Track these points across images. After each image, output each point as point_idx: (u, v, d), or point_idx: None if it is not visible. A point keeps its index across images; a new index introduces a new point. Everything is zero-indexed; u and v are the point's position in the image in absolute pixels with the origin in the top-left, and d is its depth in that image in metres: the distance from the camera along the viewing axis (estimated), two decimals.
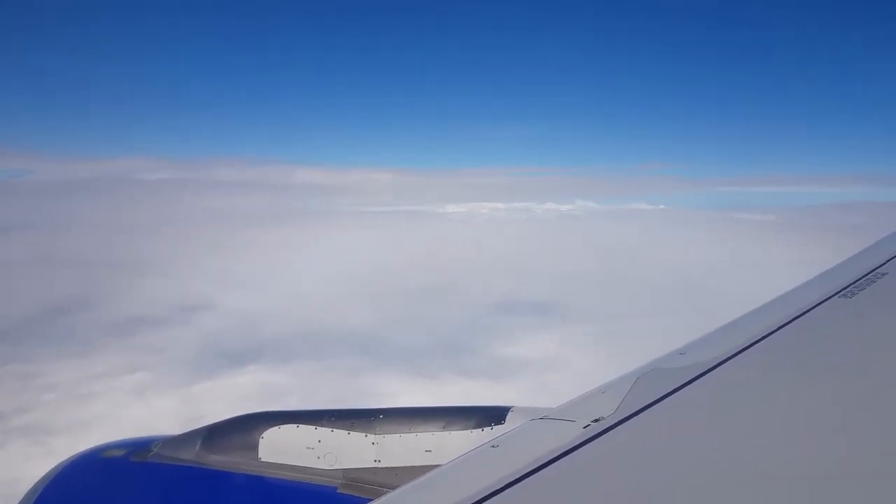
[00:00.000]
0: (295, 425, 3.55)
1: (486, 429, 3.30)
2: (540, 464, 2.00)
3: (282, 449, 3.52)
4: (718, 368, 2.80)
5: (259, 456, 3.53)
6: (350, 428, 3.48)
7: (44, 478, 3.80)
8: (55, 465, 3.87)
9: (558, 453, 2.07)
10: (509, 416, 3.30)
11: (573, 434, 2.22)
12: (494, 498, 1.83)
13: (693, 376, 2.70)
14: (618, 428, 2.25)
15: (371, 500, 2.38)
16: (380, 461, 3.40)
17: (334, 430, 3.49)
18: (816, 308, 3.66)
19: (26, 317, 58.42)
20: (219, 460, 3.58)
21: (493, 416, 3.35)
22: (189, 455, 3.64)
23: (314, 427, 3.51)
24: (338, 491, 3.40)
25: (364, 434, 3.45)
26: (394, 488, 2.32)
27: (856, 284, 4.13)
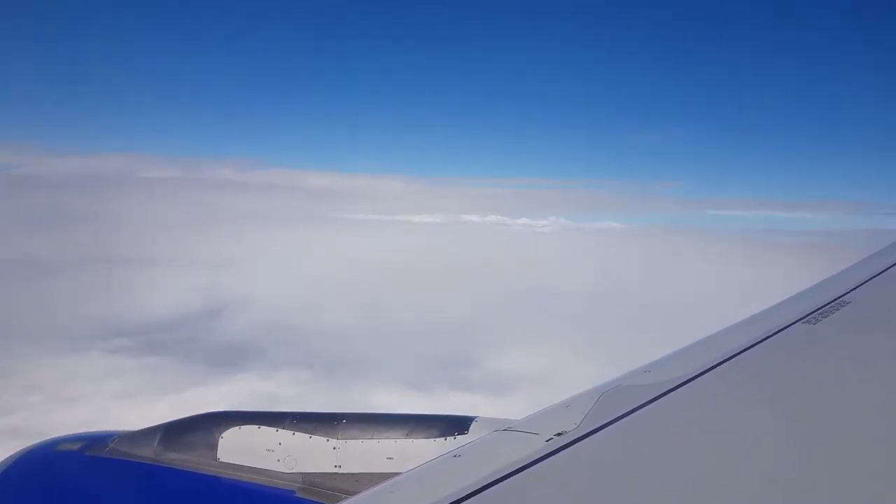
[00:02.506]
0: (256, 426, 3.51)
1: (450, 438, 3.29)
2: (501, 475, 1.99)
3: (241, 450, 3.47)
4: (682, 388, 2.82)
5: (218, 456, 3.49)
6: (312, 431, 3.44)
7: None
8: (7, 456, 3.79)
9: (520, 465, 2.06)
10: (473, 426, 3.31)
11: (535, 447, 2.21)
12: None
13: (657, 394, 2.72)
14: (580, 443, 2.25)
15: None
16: (340, 466, 3.37)
17: (296, 433, 3.45)
18: (780, 333, 3.71)
19: (9, 315, 57.44)
20: (176, 458, 3.53)
21: (456, 425, 3.35)
22: (146, 452, 3.58)
23: (275, 429, 3.47)
24: (295, 495, 3.35)
25: (326, 438, 3.41)
26: (353, 494, 2.33)
27: (820, 311, 4.18)
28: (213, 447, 3.49)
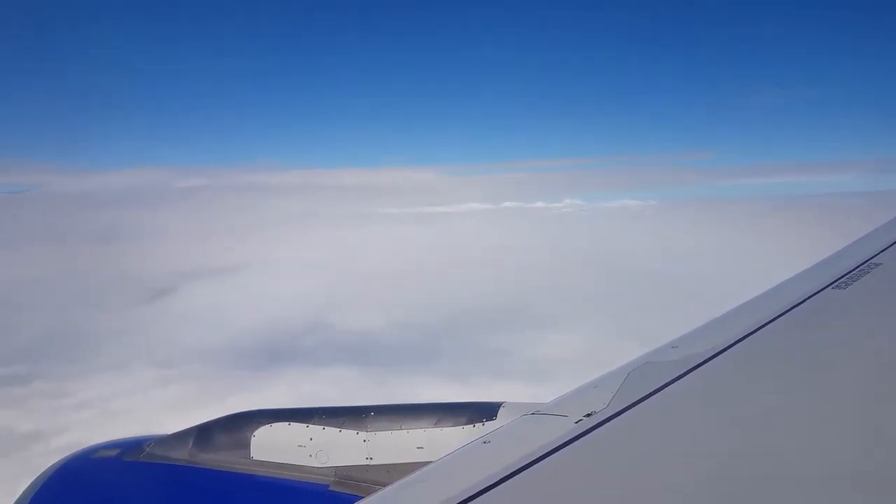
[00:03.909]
0: (286, 423, 3.54)
1: (478, 425, 3.29)
2: (532, 459, 1.98)
3: (273, 447, 3.51)
4: (711, 362, 2.79)
5: (251, 454, 3.53)
6: (341, 425, 3.47)
7: (37, 479, 3.79)
8: (48, 466, 3.86)
9: (550, 448, 2.05)
10: (501, 411, 3.29)
11: (565, 429, 2.20)
12: (487, 494, 1.81)
13: (685, 370, 2.69)
14: (610, 422, 2.23)
15: (363, 497, 2.37)
16: (371, 458, 3.39)
17: (326, 427, 3.48)
18: (810, 300, 3.65)
19: (47, 332, 56.77)
20: (211, 459, 3.58)
21: (484, 411, 3.34)
22: (181, 454, 3.63)
23: (305, 425, 3.50)
24: (330, 489, 3.38)
25: (355, 431, 3.43)
26: (386, 486, 2.33)
27: (850, 275, 4.11)
28: (246, 446, 3.53)
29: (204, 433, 3.67)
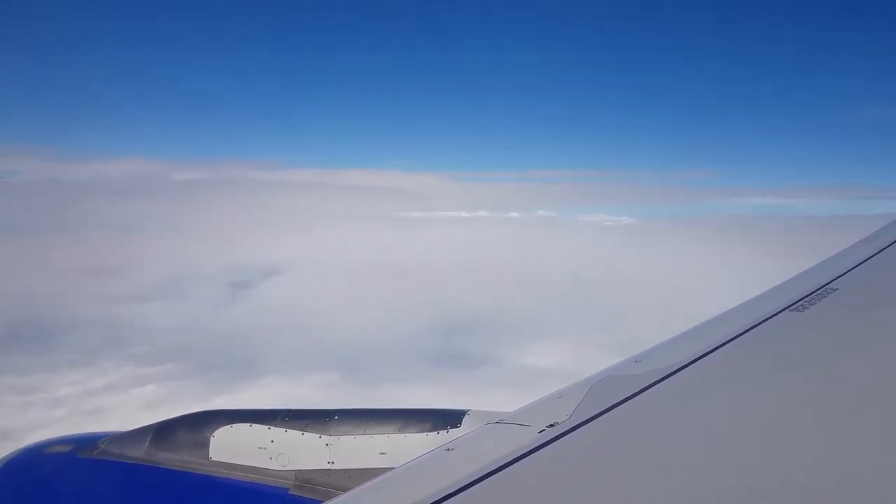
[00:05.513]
0: (248, 424, 3.50)
1: (442, 432, 3.31)
2: (494, 467, 2.00)
3: (233, 448, 3.46)
4: (672, 377, 2.85)
5: (210, 455, 3.47)
6: (304, 428, 3.44)
7: None
8: None
9: (513, 457, 2.07)
10: (465, 419, 3.32)
11: (528, 438, 2.23)
12: (448, 501, 1.82)
13: (647, 384, 2.74)
14: (572, 433, 2.27)
15: (323, 502, 2.42)
16: (333, 463, 3.37)
17: (288, 430, 3.45)
18: (768, 321, 3.74)
19: (21, 325, 55.92)
20: (168, 458, 3.51)
21: (449, 419, 3.37)
22: (137, 452, 3.56)
23: (267, 427, 3.46)
24: (289, 492, 3.35)
25: (318, 435, 3.41)
26: (347, 491, 2.30)
27: (807, 299, 4.20)
28: (205, 446, 3.48)
29: (162, 431, 3.60)
